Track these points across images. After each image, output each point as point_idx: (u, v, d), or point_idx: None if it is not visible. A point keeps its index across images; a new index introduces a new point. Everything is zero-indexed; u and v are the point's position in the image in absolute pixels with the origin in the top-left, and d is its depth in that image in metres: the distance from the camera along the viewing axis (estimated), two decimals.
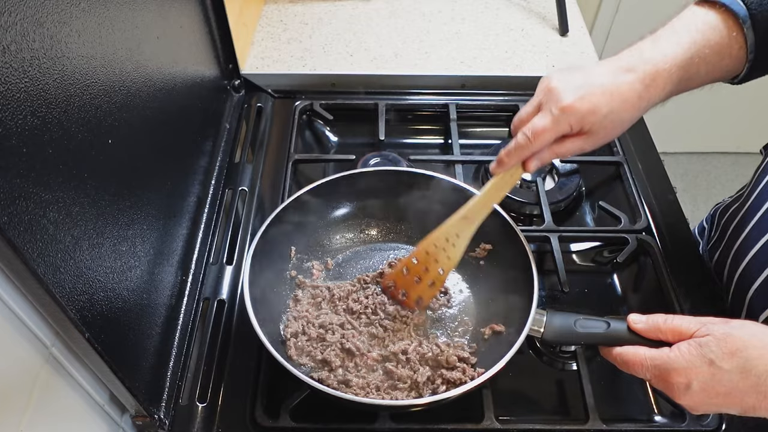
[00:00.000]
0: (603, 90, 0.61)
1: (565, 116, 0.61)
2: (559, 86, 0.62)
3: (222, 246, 0.88)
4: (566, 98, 0.61)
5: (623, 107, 0.62)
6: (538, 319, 0.67)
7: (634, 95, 0.62)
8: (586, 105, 0.61)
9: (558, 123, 0.61)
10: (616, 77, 0.62)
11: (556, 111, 0.61)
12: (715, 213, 0.91)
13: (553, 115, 0.61)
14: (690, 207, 2.27)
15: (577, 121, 0.61)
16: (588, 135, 0.63)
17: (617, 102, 0.61)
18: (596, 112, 0.61)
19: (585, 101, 0.61)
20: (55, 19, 0.49)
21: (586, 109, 0.61)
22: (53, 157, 0.48)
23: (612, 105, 0.61)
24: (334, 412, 0.71)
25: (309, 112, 1.09)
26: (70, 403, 0.59)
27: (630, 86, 0.62)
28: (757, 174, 0.78)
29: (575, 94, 0.61)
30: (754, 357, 0.53)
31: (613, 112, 0.61)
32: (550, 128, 0.61)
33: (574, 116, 0.61)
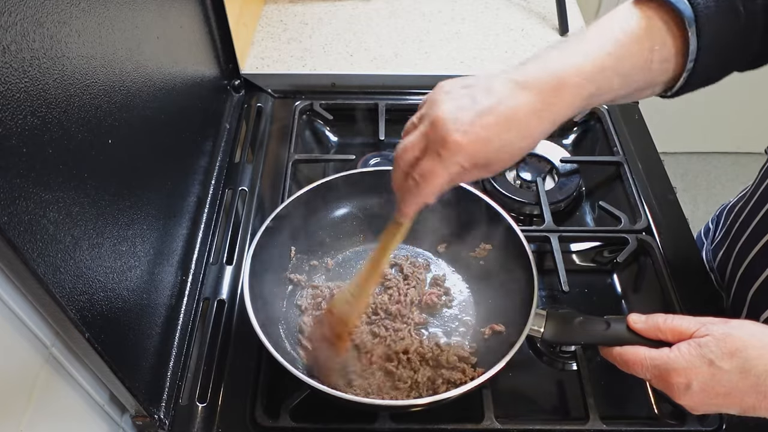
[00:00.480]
0: (496, 118, 0.53)
1: (454, 157, 0.53)
2: (446, 116, 0.53)
3: (222, 246, 0.88)
4: (453, 137, 0.53)
5: (518, 136, 0.54)
6: (538, 319, 0.67)
7: (533, 118, 0.54)
8: (476, 143, 0.53)
9: (447, 165, 0.54)
10: (513, 97, 0.54)
11: (443, 152, 0.53)
12: (720, 213, 0.91)
13: (441, 156, 0.54)
14: (690, 207, 2.27)
15: (467, 160, 0.54)
16: (482, 168, 0.56)
17: (513, 131, 0.54)
18: (487, 147, 0.54)
19: (474, 138, 0.53)
20: (55, 19, 0.49)
21: (476, 146, 0.53)
22: (53, 157, 0.48)
23: (506, 136, 0.54)
24: (334, 412, 0.71)
25: (309, 112, 1.09)
26: (70, 403, 0.59)
27: (528, 107, 0.54)
28: (761, 173, 0.78)
29: (463, 129, 0.53)
30: (754, 357, 0.53)
31: (507, 145, 0.54)
32: (440, 173, 0.54)
33: (463, 156, 0.53)
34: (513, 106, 0.54)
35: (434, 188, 0.56)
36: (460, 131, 0.53)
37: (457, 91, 0.55)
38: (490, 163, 0.55)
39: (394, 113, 1.08)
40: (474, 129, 0.53)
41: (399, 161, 0.58)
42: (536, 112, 0.54)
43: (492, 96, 0.54)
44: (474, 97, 0.54)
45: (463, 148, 0.53)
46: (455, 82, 0.57)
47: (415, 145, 0.56)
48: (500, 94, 0.54)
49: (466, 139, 0.53)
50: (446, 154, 0.53)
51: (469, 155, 0.54)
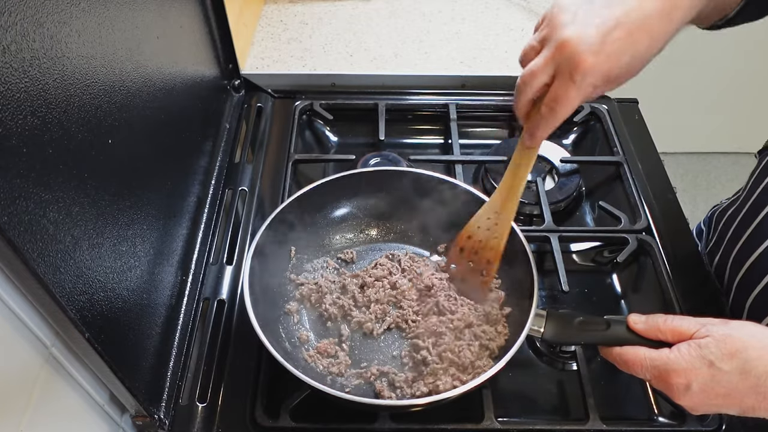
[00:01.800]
0: (626, 31, 0.52)
1: (587, 79, 0.53)
2: (573, 38, 0.53)
3: (222, 246, 0.88)
4: (585, 59, 0.52)
5: (650, 42, 0.54)
6: (538, 319, 0.67)
7: (662, 22, 0.54)
8: (608, 62, 0.53)
9: (582, 89, 0.54)
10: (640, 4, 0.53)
11: (576, 75, 0.53)
12: (712, 215, 0.91)
13: (575, 81, 0.53)
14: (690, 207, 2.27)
15: (600, 80, 0.54)
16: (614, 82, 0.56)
17: (645, 40, 0.53)
18: (620, 62, 0.53)
19: (605, 56, 0.52)
20: (55, 19, 0.49)
21: (609, 65, 0.53)
22: (53, 157, 0.48)
23: (638, 47, 0.53)
24: (334, 412, 0.71)
25: (309, 112, 1.09)
26: (70, 403, 0.59)
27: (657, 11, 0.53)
28: (753, 178, 0.78)
29: (593, 47, 0.52)
30: (754, 358, 0.53)
31: (639, 54, 0.54)
32: (575, 97, 0.55)
33: (597, 76, 0.53)
34: (642, 14, 0.53)
35: (569, 111, 0.56)
36: (591, 52, 0.52)
37: (580, 8, 0.54)
38: (622, 76, 0.55)
39: (394, 113, 1.08)
40: (605, 48, 0.52)
41: (525, 88, 0.57)
42: (665, 14, 0.54)
43: (616, 6, 0.53)
44: (600, 13, 0.53)
45: (596, 67, 0.53)
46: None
47: (543, 71, 0.55)
48: (626, 3, 0.53)
49: (598, 59, 0.52)
50: (579, 77, 0.53)
51: (602, 74, 0.53)
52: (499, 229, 0.71)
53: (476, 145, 1.09)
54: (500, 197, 0.69)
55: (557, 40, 0.54)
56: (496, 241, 0.71)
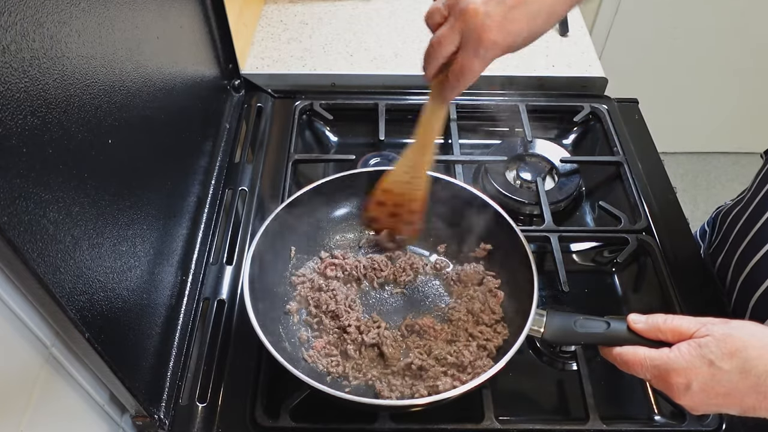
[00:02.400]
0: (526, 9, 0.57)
1: (490, 52, 0.58)
2: (479, 10, 0.56)
3: (222, 246, 0.88)
4: (489, 33, 0.56)
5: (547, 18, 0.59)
6: (538, 319, 0.67)
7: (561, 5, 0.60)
8: (509, 36, 0.57)
9: (485, 60, 0.58)
10: None
11: (479, 49, 0.57)
12: (716, 216, 0.91)
13: (477, 53, 0.57)
14: (690, 207, 2.27)
15: (501, 52, 0.58)
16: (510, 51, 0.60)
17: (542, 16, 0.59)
18: (519, 37, 0.58)
19: (507, 32, 0.57)
20: (55, 19, 0.49)
21: (510, 39, 0.57)
22: (53, 157, 0.48)
23: (535, 23, 0.58)
24: (334, 412, 0.71)
25: (309, 112, 1.09)
26: (70, 403, 0.59)
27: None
28: (759, 178, 0.78)
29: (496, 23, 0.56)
30: (754, 357, 0.53)
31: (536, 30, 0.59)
32: (477, 67, 0.59)
33: (498, 49, 0.58)
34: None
35: (472, 80, 0.60)
36: (494, 28, 0.56)
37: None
38: (519, 47, 0.60)
39: (394, 113, 1.08)
40: (506, 24, 0.56)
41: (434, 54, 0.62)
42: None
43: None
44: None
45: (498, 43, 0.57)
46: None
47: (450, 40, 0.59)
48: None
49: (500, 35, 0.57)
50: (482, 50, 0.57)
51: (503, 48, 0.58)
52: (419, 181, 0.74)
53: (476, 145, 1.09)
54: (413, 153, 0.72)
55: (462, 8, 0.57)
56: (418, 192, 0.75)
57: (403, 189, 0.75)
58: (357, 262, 0.82)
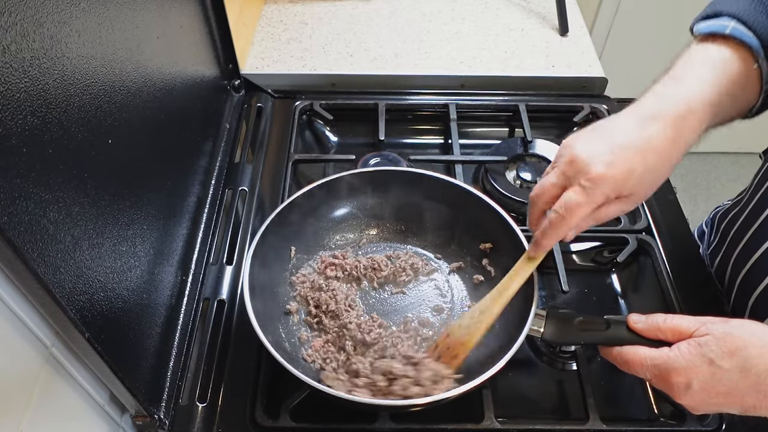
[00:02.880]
0: (634, 149, 0.56)
1: (598, 188, 0.56)
2: (584, 154, 0.56)
3: (222, 246, 0.88)
4: (595, 168, 0.56)
5: (658, 162, 0.57)
6: (538, 319, 0.67)
7: (667, 145, 0.57)
8: (619, 171, 0.56)
9: (592, 196, 0.57)
10: (643, 129, 0.57)
11: (587, 183, 0.56)
12: (715, 216, 0.91)
13: (585, 188, 0.56)
14: (690, 207, 2.27)
15: (612, 190, 0.57)
16: (627, 198, 0.59)
17: (651, 159, 0.57)
18: (631, 176, 0.57)
19: (616, 168, 0.56)
20: (55, 19, 0.49)
21: (620, 175, 0.56)
22: (53, 157, 0.48)
23: (646, 163, 0.57)
24: (334, 412, 0.71)
25: (309, 112, 1.09)
26: (70, 403, 0.59)
27: (661, 136, 0.57)
28: (757, 179, 0.78)
29: (603, 160, 0.56)
30: (754, 356, 0.53)
31: (649, 170, 0.57)
32: (585, 203, 0.57)
33: (608, 186, 0.56)
34: (647, 136, 0.57)
35: (578, 219, 0.58)
36: (602, 163, 0.56)
37: (586, 135, 0.59)
38: (634, 192, 0.58)
39: (394, 113, 1.08)
40: (614, 159, 0.56)
41: (537, 200, 0.61)
42: (669, 138, 0.57)
43: (623, 132, 0.58)
44: (605, 137, 0.58)
45: (607, 178, 0.56)
46: (580, 132, 0.60)
47: (555, 184, 0.59)
48: (631, 129, 0.58)
49: (609, 170, 0.56)
50: (590, 185, 0.56)
51: (613, 184, 0.56)
52: (477, 328, 0.68)
53: (476, 145, 1.09)
54: (491, 299, 0.68)
55: (567, 157, 0.58)
56: (468, 338, 0.68)
57: (460, 333, 0.69)
58: (357, 262, 0.82)
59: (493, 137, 1.11)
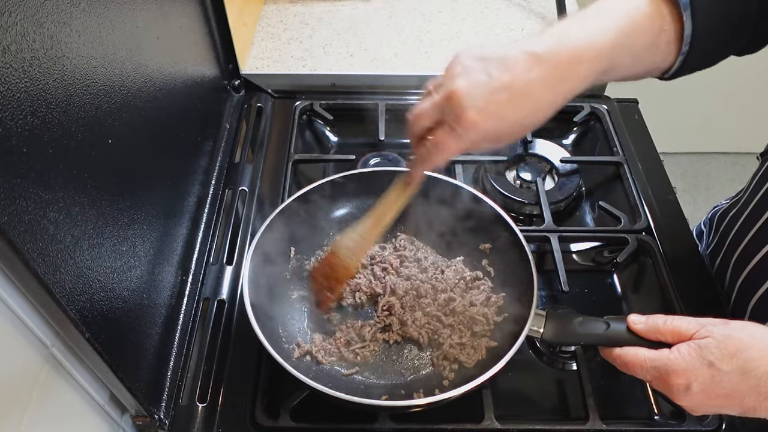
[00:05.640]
0: (512, 94, 0.54)
1: (468, 133, 0.55)
2: (462, 93, 0.54)
3: (222, 246, 0.88)
4: (468, 114, 0.54)
5: (534, 110, 0.56)
6: (538, 319, 0.67)
7: (547, 93, 0.55)
8: (491, 120, 0.55)
9: (462, 140, 0.56)
10: (528, 72, 0.54)
11: (458, 128, 0.55)
12: (713, 217, 0.91)
13: (456, 131, 0.55)
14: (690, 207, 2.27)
15: (481, 137, 0.56)
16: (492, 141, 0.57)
17: (527, 107, 0.55)
18: (502, 124, 0.55)
19: (488, 116, 0.54)
20: (55, 19, 0.49)
21: (491, 124, 0.55)
22: (53, 157, 0.48)
23: (521, 112, 0.55)
24: (334, 412, 0.71)
25: (309, 112, 1.09)
26: (70, 403, 0.59)
27: (542, 83, 0.55)
28: (755, 180, 0.78)
29: (478, 106, 0.54)
30: (755, 358, 0.53)
31: (522, 118, 0.56)
32: (454, 145, 0.57)
33: (478, 133, 0.55)
34: (528, 81, 0.54)
35: (444, 158, 0.59)
36: (474, 108, 0.54)
37: (473, 65, 0.56)
38: (501, 138, 0.57)
39: (394, 113, 1.08)
40: (488, 107, 0.54)
41: (413, 125, 0.60)
42: (551, 86, 0.55)
43: (507, 71, 0.54)
44: (490, 73, 0.55)
45: (476, 125, 0.55)
46: (472, 53, 0.57)
47: (429, 115, 0.58)
48: (515, 69, 0.55)
49: (480, 117, 0.54)
50: (460, 129, 0.55)
51: (482, 132, 0.55)
52: (357, 251, 0.72)
53: None
54: (369, 222, 0.70)
55: (447, 89, 0.56)
56: (349, 261, 0.72)
57: (344, 255, 0.72)
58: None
59: None
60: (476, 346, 0.74)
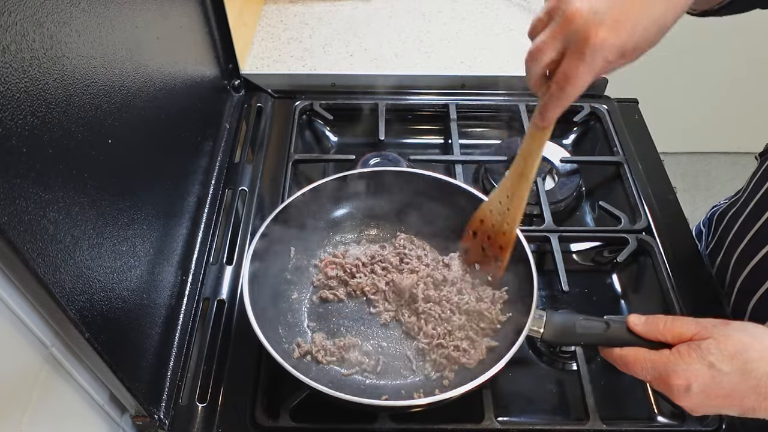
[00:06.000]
0: None
1: (600, 54, 0.50)
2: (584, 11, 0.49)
3: (222, 246, 0.88)
4: (596, 32, 0.49)
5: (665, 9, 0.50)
6: (538, 319, 0.67)
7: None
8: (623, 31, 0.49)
9: (594, 65, 0.50)
10: None
11: (588, 50, 0.49)
12: (712, 216, 0.91)
13: (586, 56, 0.50)
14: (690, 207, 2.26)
15: (616, 54, 0.50)
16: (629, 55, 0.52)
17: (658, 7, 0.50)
18: (635, 32, 0.50)
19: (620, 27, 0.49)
20: (55, 19, 0.49)
21: (625, 35, 0.49)
22: (53, 157, 0.48)
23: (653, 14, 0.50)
24: (334, 412, 0.71)
25: (309, 112, 1.09)
26: (70, 403, 0.59)
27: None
28: (755, 180, 0.78)
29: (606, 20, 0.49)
30: (755, 359, 0.53)
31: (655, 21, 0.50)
32: (587, 72, 0.51)
33: (612, 51, 0.50)
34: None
35: (579, 90, 0.53)
36: (602, 24, 0.49)
37: None
38: (639, 47, 0.51)
39: (394, 113, 1.08)
40: (617, 17, 0.49)
41: (533, 65, 0.54)
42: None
43: None
44: None
45: (608, 42, 0.49)
46: None
47: (550, 46, 0.52)
48: None
49: (611, 32, 0.49)
50: (590, 51, 0.50)
51: (615, 48, 0.50)
52: (511, 214, 0.68)
53: (476, 145, 1.09)
54: (511, 181, 0.67)
55: (565, 11, 0.50)
56: (508, 227, 0.69)
57: (495, 220, 0.69)
58: (357, 261, 0.82)
59: (493, 137, 1.11)
60: (476, 346, 0.74)
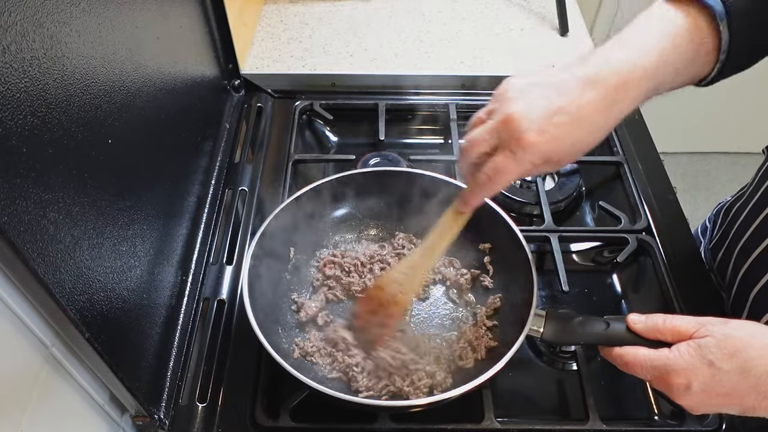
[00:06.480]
0: (568, 117, 0.55)
1: (528, 155, 0.55)
2: (520, 115, 0.55)
3: (222, 246, 0.88)
4: (528, 136, 0.54)
5: (590, 132, 0.57)
6: (538, 319, 0.67)
7: (601, 116, 0.56)
8: (550, 142, 0.55)
9: (521, 163, 0.56)
10: (582, 95, 0.55)
11: (518, 150, 0.55)
12: (718, 212, 0.91)
13: (515, 154, 0.55)
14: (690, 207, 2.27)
15: (541, 158, 0.56)
16: (555, 163, 0.58)
17: (584, 129, 0.56)
18: (561, 146, 0.56)
19: (548, 137, 0.55)
20: (55, 19, 0.49)
21: (551, 145, 0.55)
22: (53, 157, 0.48)
23: (578, 134, 0.56)
24: (334, 412, 0.71)
25: (309, 112, 1.09)
26: (70, 403, 0.59)
27: (595, 107, 0.56)
28: (760, 174, 0.78)
29: (537, 128, 0.54)
30: (754, 357, 0.53)
31: (579, 141, 0.57)
32: (514, 169, 0.56)
33: (538, 155, 0.55)
34: (582, 104, 0.55)
35: (505, 183, 0.58)
36: (534, 130, 0.54)
37: (528, 89, 0.57)
38: (560, 160, 0.57)
39: (394, 113, 1.08)
40: (548, 128, 0.55)
41: (467, 154, 0.59)
42: (603, 109, 0.56)
43: (563, 95, 0.56)
44: (547, 96, 0.56)
45: (537, 146, 0.55)
46: (523, 79, 0.58)
47: (485, 140, 0.58)
48: (571, 93, 0.56)
49: (540, 138, 0.54)
50: (520, 152, 0.55)
51: (542, 153, 0.55)
52: (407, 285, 0.69)
53: None
54: (419, 255, 0.68)
55: (503, 113, 0.56)
56: (401, 297, 0.69)
57: (393, 290, 0.69)
58: (356, 261, 0.82)
59: None
60: (476, 346, 0.74)
